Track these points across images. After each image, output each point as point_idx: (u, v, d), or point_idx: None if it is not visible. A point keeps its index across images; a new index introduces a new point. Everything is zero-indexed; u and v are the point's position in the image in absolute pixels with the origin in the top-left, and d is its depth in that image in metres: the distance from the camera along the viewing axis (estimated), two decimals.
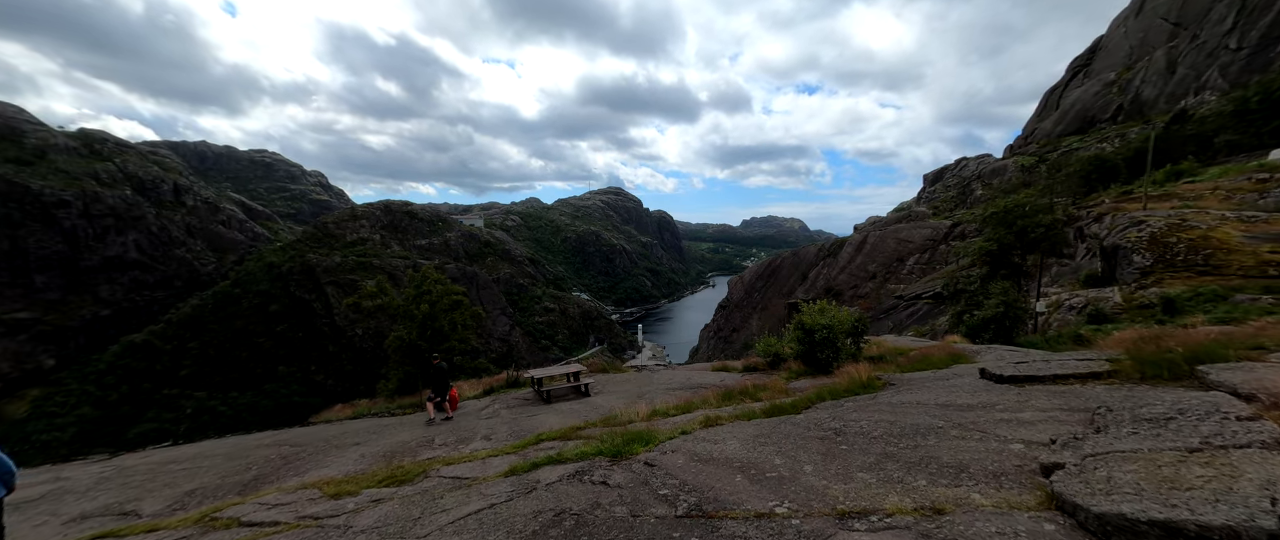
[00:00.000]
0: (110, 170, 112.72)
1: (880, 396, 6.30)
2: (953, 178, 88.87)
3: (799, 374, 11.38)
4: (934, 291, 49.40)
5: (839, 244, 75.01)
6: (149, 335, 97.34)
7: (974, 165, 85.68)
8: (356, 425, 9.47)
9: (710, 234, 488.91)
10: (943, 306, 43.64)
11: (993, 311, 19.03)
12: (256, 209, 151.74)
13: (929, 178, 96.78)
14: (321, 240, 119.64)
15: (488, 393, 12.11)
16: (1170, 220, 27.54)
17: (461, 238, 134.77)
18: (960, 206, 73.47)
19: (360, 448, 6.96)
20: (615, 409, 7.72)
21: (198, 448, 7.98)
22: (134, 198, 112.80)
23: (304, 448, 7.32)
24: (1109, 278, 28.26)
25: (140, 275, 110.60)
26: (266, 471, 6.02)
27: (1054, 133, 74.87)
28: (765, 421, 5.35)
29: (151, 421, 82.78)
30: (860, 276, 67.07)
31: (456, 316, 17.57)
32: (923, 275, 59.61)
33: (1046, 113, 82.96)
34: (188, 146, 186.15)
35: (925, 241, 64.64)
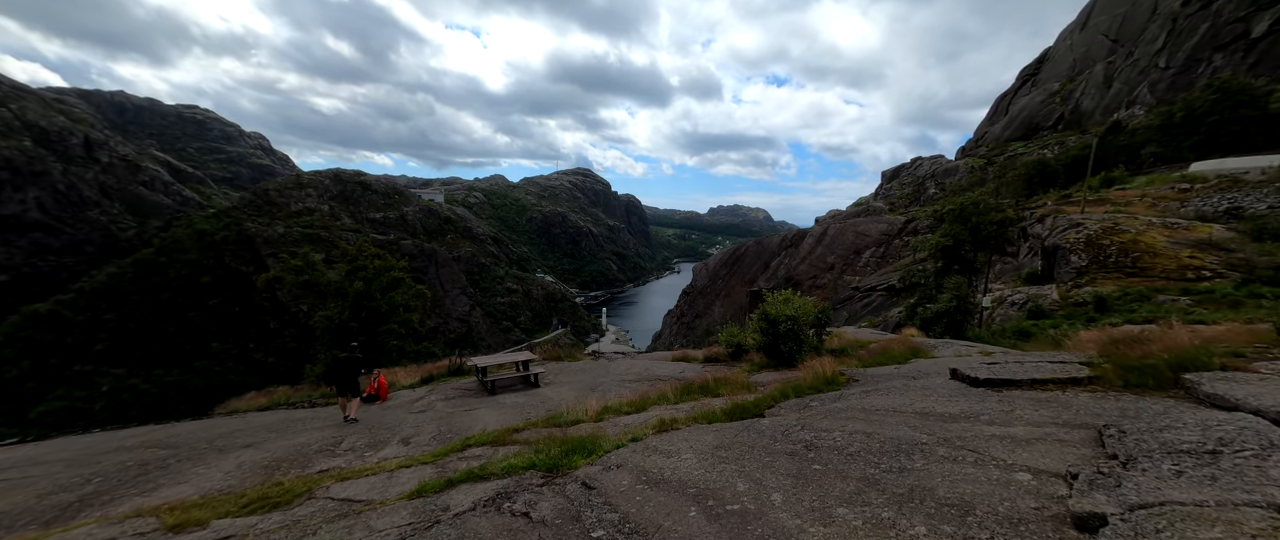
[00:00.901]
0: (5, 116, 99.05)
1: (848, 396, 5.86)
2: (908, 176, 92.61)
3: (761, 366, 10.98)
4: (888, 284, 51.47)
5: (801, 235, 76.84)
6: (56, 305, 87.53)
7: (928, 165, 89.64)
8: (262, 419, 8.16)
9: (677, 220, 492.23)
10: (896, 299, 45.48)
11: (946, 305, 19.52)
12: (185, 171, 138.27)
13: (887, 175, 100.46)
14: (262, 208, 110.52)
15: (426, 381, 10.96)
16: (1104, 224, 29.35)
17: (420, 213, 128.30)
18: (914, 204, 76.87)
19: (247, 452, 5.79)
20: (564, 404, 6.96)
21: (44, 447, 6.48)
22: (35, 150, 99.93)
23: (177, 451, 6.04)
24: (1048, 276, 29.96)
25: (43, 238, 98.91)
26: (109, 486, 4.79)
27: (1002, 137, 79.13)
28: (727, 427, 4.74)
29: (60, 400, 74.94)
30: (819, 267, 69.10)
31: (396, 296, 15.99)
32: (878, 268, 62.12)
33: (996, 117, 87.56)
34: (103, 96, 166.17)
35: (881, 236, 67.19)
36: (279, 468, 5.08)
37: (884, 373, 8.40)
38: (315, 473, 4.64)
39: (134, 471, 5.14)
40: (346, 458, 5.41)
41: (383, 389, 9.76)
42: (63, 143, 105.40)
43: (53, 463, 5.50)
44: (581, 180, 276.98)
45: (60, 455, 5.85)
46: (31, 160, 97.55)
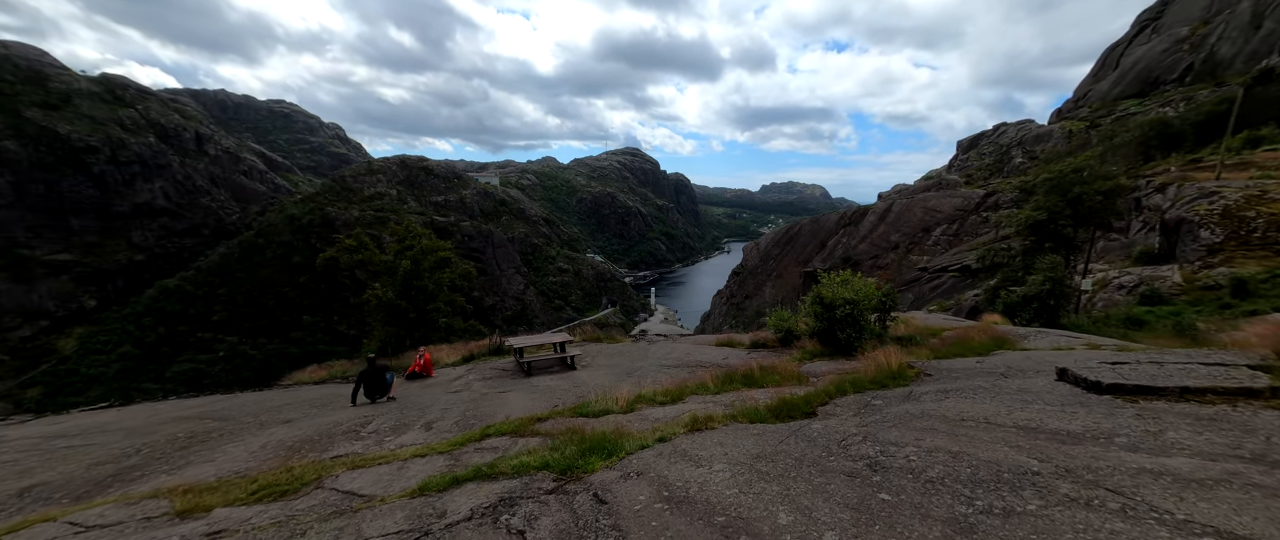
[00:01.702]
0: (133, 117, 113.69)
1: (920, 396, 4.89)
2: (989, 145, 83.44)
3: (814, 354, 9.99)
4: (963, 264, 46.99)
5: (861, 212, 71.88)
6: (181, 281, 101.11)
7: (1013, 131, 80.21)
8: (312, 393, 8.55)
9: (728, 199, 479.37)
10: (972, 280, 41.39)
11: (1036, 288, 17.09)
12: (276, 160, 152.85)
13: (963, 144, 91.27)
14: (340, 194, 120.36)
15: (467, 360, 11.09)
16: (1248, 192, 24.58)
17: (477, 195, 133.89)
18: (996, 175, 69.15)
19: (281, 429, 5.94)
20: (596, 390, 6.57)
21: (112, 416, 7.15)
22: (158, 145, 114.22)
23: (224, 424, 6.37)
24: (1167, 255, 25.68)
25: (169, 222, 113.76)
26: (148, 460, 5.05)
27: (1110, 95, 68.51)
28: (770, 430, 4.06)
29: (188, 362, 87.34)
30: (882, 246, 64.56)
31: (443, 275, 16.38)
32: (950, 247, 56.95)
33: (1103, 72, 75.76)
34: (208, 95, 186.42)
35: (955, 211, 61.35)
36: (300, 450, 5.12)
37: (962, 367, 7.18)
38: (330, 458, 4.58)
39: (178, 445, 5.46)
40: (367, 442, 5.36)
41: (428, 366, 9.98)
42: (179, 138, 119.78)
43: (117, 431, 6.00)
44: (630, 160, 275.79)
45: (128, 423, 6.39)
46: (156, 154, 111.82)
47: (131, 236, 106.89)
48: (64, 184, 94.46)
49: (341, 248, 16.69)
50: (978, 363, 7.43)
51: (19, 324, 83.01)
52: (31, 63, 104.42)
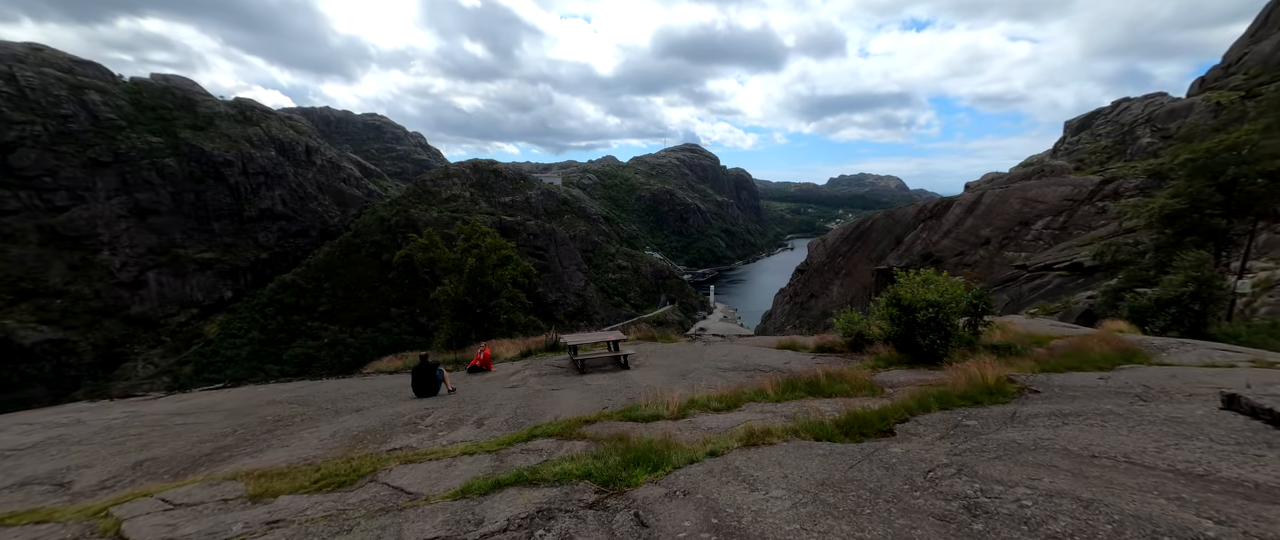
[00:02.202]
0: (259, 134, 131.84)
1: (1029, 420, 4.01)
2: (1106, 124, 72.05)
3: (889, 362, 8.97)
4: (1072, 261, 41.13)
5: (945, 204, 65.31)
6: (294, 276, 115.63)
7: (1139, 107, 68.46)
8: (386, 382, 9.16)
9: (791, 193, 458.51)
10: (1084, 280, 36.07)
11: (1175, 290, 14.26)
12: (369, 168, 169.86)
13: (1072, 125, 79.78)
14: (421, 197, 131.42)
15: (525, 355, 11.35)
16: None
17: (541, 196, 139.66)
18: (1116, 158, 59.62)
19: (352, 418, 6.35)
20: (648, 391, 6.32)
21: (223, 396, 8.17)
22: (278, 158, 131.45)
23: (306, 409, 6.98)
24: None
25: (285, 225, 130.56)
26: (239, 440, 5.61)
27: (1276, 58, 56.21)
28: (839, 450, 3.55)
29: (300, 348, 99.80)
30: (970, 242, 58.23)
31: (505, 273, 17.08)
32: (1055, 242, 50.07)
33: (1267, 30, 62.26)
34: (315, 112, 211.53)
35: (1062, 201, 53.80)
36: (363, 440, 5.42)
37: (1081, 384, 5.96)
38: (387, 451, 4.77)
39: (266, 427, 6.04)
40: (423, 435, 5.55)
41: (488, 361, 10.36)
42: (293, 151, 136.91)
43: (222, 411, 6.81)
44: (689, 156, 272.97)
45: (232, 404, 7.24)
46: (275, 166, 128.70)
47: (258, 237, 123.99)
48: (208, 193, 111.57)
49: (415, 246, 18.05)
50: (1101, 379, 6.15)
51: (176, 311, 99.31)
52: (185, 92, 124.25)
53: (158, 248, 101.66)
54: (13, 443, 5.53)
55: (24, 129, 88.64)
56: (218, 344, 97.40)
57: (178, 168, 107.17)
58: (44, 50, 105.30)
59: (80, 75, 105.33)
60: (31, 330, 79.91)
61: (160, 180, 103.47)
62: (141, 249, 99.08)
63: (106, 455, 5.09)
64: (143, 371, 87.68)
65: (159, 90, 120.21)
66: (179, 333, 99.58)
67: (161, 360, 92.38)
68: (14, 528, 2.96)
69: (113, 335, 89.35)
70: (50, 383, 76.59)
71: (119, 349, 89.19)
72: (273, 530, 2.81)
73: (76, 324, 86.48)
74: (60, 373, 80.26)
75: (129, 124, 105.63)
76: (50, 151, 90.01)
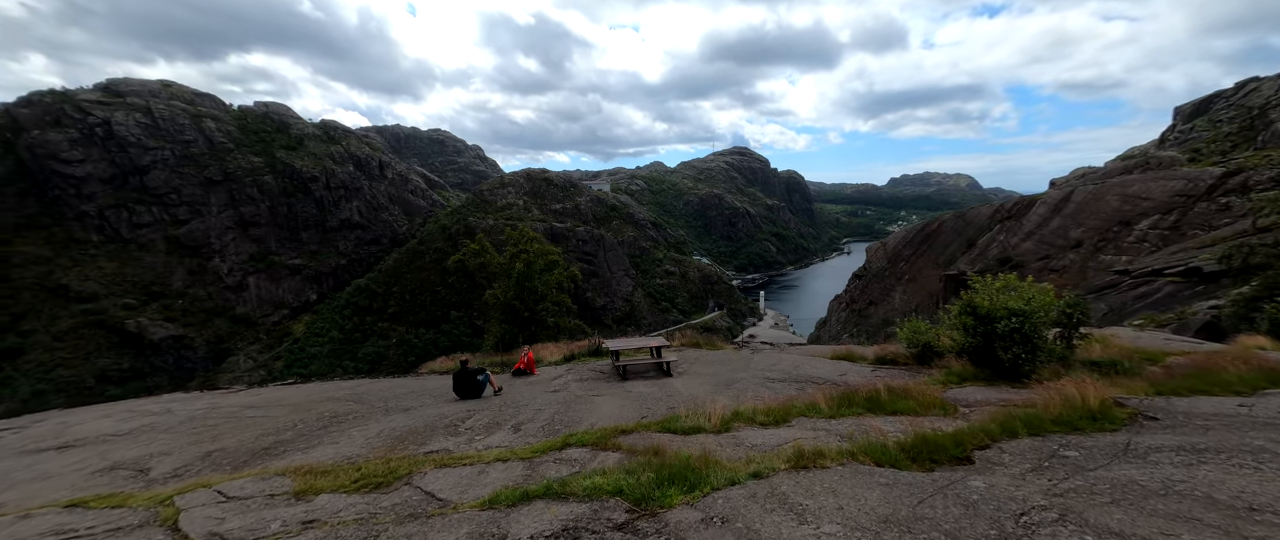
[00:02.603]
0: (339, 152, 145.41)
1: (1146, 451, 3.25)
2: (1229, 109, 62.35)
3: (963, 378, 7.99)
4: (1188, 265, 35.77)
5: (1026, 203, 59.22)
6: (368, 281, 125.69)
7: (1271, 87, 58.54)
8: (435, 383, 9.50)
9: (847, 195, 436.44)
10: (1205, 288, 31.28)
11: None
12: (433, 180, 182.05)
13: (1184, 111, 69.81)
14: (478, 206, 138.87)
15: (567, 359, 11.34)
16: None
17: (590, 202, 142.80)
18: (1244, 146, 51.44)
19: (398, 417, 6.57)
20: (690, 401, 6.02)
21: (291, 392, 8.86)
22: (355, 173, 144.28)
23: (361, 406, 7.35)
24: None
25: (361, 234, 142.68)
26: (298, 435, 5.97)
27: None
28: (904, 479, 3.08)
29: (372, 347, 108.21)
30: (1057, 245, 52.40)
31: (551, 277, 17.36)
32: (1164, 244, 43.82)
33: None
34: (387, 129, 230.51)
35: (1173, 197, 47.10)
36: (404, 441, 5.55)
37: (1214, 410, 4.88)
38: (424, 453, 4.83)
39: (322, 423, 6.42)
40: (460, 439, 5.60)
41: (531, 364, 10.47)
42: (367, 166, 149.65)
43: (287, 406, 7.37)
44: (738, 160, 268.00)
45: (296, 399, 7.82)
46: (353, 180, 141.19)
47: (338, 245, 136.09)
48: (297, 206, 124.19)
49: (468, 252, 18.87)
50: (1243, 407, 5.03)
51: (270, 312, 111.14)
52: (280, 116, 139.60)
53: (257, 255, 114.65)
54: (113, 429, 6.31)
55: (156, 154, 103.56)
56: (304, 342, 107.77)
57: (274, 184, 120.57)
58: (172, 86, 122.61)
59: (200, 106, 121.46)
60: (159, 327, 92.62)
61: (259, 195, 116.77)
62: (244, 256, 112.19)
63: (184, 444, 5.64)
64: (243, 365, 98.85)
65: (259, 116, 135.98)
66: (273, 331, 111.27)
67: (259, 355, 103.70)
68: (95, 510, 3.28)
69: (221, 332, 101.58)
70: (171, 373, 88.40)
71: (226, 344, 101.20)
72: (306, 531, 2.86)
73: (193, 322, 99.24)
74: (180, 364, 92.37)
75: (236, 146, 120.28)
76: (175, 172, 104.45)
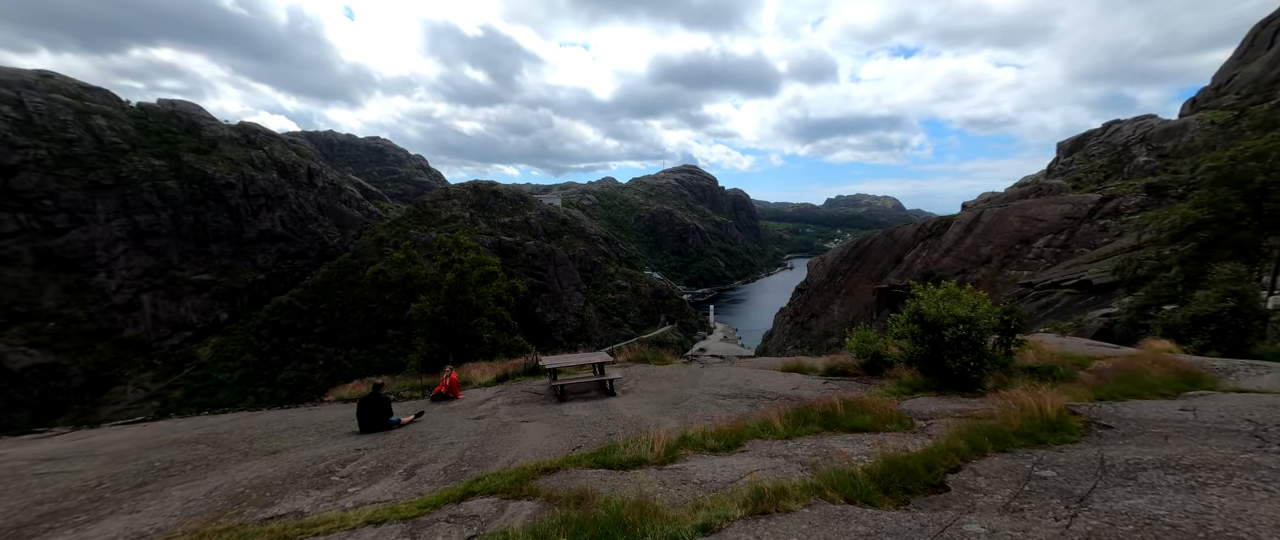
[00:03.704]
0: (261, 157, 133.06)
1: (1127, 469, 2.90)
2: (1099, 145, 73.07)
3: (914, 388, 7.79)
4: (1081, 279, 40.21)
5: (944, 222, 64.91)
6: (291, 298, 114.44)
7: (1130, 128, 69.84)
8: (330, 414, 7.88)
9: (789, 214, 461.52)
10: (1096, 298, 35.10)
11: (1213, 306, 13.17)
12: (371, 190, 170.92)
13: (1065, 146, 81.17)
14: (421, 218, 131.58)
15: (500, 380, 10.07)
16: None
17: (541, 216, 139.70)
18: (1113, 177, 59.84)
19: (258, 464, 5.08)
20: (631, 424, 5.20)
21: (128, 434, 6.88)
22: (279, 180, 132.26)
23: (209, 453, 5.70)
24: None
25: (284, 246, 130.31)
26: (94, 499, 4.40)
27: (1266, 78, 57.02)
28: (885, 524, 2.44)
29: (294, 370, 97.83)
30: (970, 260, 57.66)
31: (488, 290, 15.85)
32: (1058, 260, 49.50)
33: (1253, 53, 63.56)
34: (319, 135, 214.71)
35: (1062, 219, 53.55)
36: (244, 502, 4.19)
37: (1160, 416, 4.79)
38: (264, 520, 3.56)
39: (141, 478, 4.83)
40: (330, 492, 4.34)
41: (455, 387, 9.13)
42: (295, 173, 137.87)
43: (108, 455, 5.61)
44: (687, 177, 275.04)
45: (124, 445, 6.02)
46: (277, 188, 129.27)
47: (256, 259, 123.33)
48: (207, 215, 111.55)
49: (389, 261, 16.92)
50: (1185, 412, 4.98)
51: (170, 334, 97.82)
52: (190, 116, 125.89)
53: (154, 270, 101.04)
54: None
55: (27, 153, 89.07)
56: (210, 367, 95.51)
57: (179, 190, 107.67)
58: (53, 77, 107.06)
59: (87, 101, 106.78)
60: (22, 354, 78.29)
61: (161, 202, 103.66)
62: (137, 271, 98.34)
63: None
64: (132, 395, 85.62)
65: (164, 115, 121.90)
66: (171, 356, 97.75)
67: (152, 384, 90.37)
68: None
69: (104, 359, 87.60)
70: (37, 408, 74.55)
71: (109, 373, 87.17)
72: None
73: (68, 347, 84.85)
74: (48, 397, 78.23)
75: (133, 147, 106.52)
76: (52, 175, 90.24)
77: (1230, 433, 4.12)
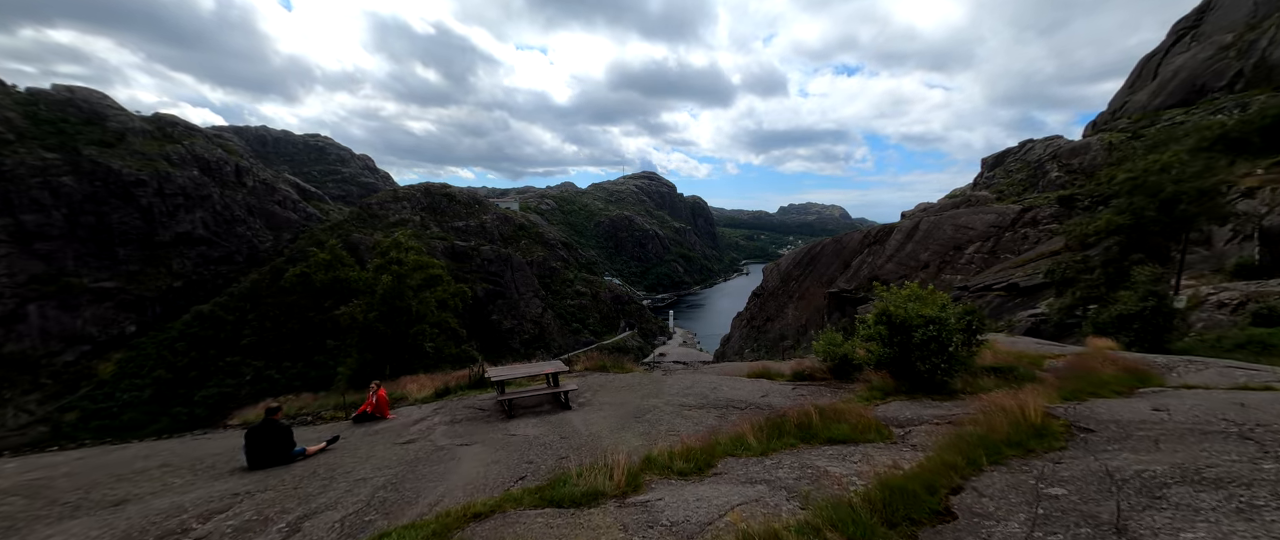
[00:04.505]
0: (180, 152, 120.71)
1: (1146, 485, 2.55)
2: (1016, 161, 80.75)
3: (885, 392, 7.54)
4: (1009, 282, 43.54)
5: (887, 230, 68.88)
6: (214, 306, 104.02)
7: (1042, 147, 77.93)
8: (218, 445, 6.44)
9: (745, 221, 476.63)
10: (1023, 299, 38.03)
11: (1136, 305, 14.19)
12: (309, 190, 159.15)
13: (988, 162, 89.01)
14: (365, 220, 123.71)
15: (440, 395, 8.84)
16: None
17: (497, 220, 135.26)
18: (1030, 190, 66.20)
19: (74, 525, 3.63)
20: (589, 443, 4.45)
21: None
22: (201, 178, 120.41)
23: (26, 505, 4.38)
24: (1272, 267, 22.14)
25: (206, 250, 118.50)
26: None
27: (1151, 106, 65.45)
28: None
29: (215, 386, 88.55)
30: (911, 265, 61.47)
31: (431, 295, 14.33)
32: (986, 265, 53.73)
33: (1140, 84, 72.82)
34: (250, 131, 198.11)
35: (989, 228, 58.28)
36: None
37: (1136, 418, 4.62)
38: None
39: None
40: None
41: (383, 406, 7.85)
42: (220, 171, 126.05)
43: None
44: (647, 183, 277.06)
45: None
46: (199, 186, 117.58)
47: (171, 264, 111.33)
48: (113, 215, 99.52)
49: (314, 262, 15.00)
50: (1157, 412, 4.85)
51: (62, 349, 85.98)
52: (93, 105, 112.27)
53: (44, 276, 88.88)
54: None
55: None
56: (113, 385, 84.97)
57: (77, 187, 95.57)
58: None
59: None
60: None
61: (52, 200, 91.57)
62: (22, 277, 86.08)
63: None
64: (13, 421, 74.46)
65: (60, 102, 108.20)
66: (64, 374, 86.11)
67: (38, 407, 79.05)
68: None
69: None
70: None
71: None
72: None
73: None
74: None
75: (19, 138, 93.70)
76: None
77: (1219, 436, 3.95)
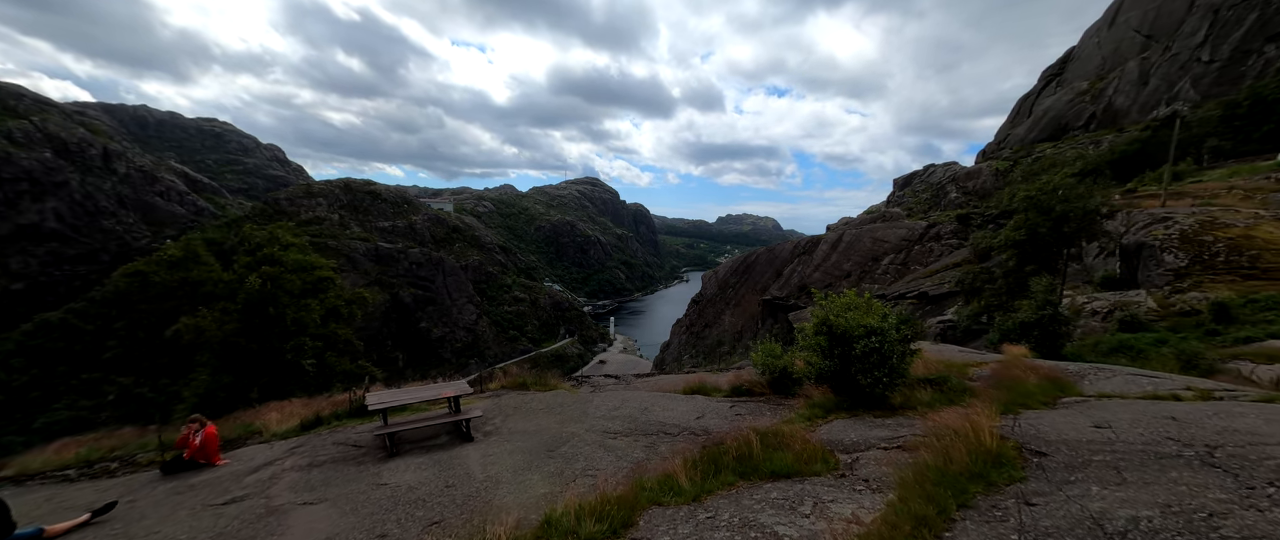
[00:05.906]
0: (26, 129, 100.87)
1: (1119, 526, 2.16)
2: (922, 183, 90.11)
3: (827, 409, 7.02)
4: (920, 291, 47.53)
5: (814, 241, 73.32)
6: (67, 314, 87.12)
7: (942, 171, 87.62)
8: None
9: (685, 229, 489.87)
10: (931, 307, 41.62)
11: (1035, 313, 15.37)
12: (201, 181, 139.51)
13: (899, 182, 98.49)
14: (272, 217, 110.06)
15: (307, 427, 6.92)
16: (1199, 218, 25.01)
17: (429, 221, 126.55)
18: (934, 208, 73.86)
19: None
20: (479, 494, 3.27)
21: None
22: (55, 161, 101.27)
23: None
24: (1129, 279, 25.42)
25: (59, 247, 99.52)
26: None
27: (1027, 139, 76.13)
28: None
29: (65, 409, 73.66)
30: (835, 275, 65.72)
31: (316, 302, 11.78)
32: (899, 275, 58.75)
33: (1019, 119, 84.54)
34: (126, 110, 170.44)
35: (901, 241, 64.00)
36: None
37: (1082, 438, 4.26)
38: None
39: None
40: None
41: (211, 448, 5.80)
42: (82, 154, 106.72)
43: None
44: (589, 189, 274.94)
45: None
46: (51, 171, 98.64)
47: (9, 263, 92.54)
48: None
49: (158, 258, 11.87)
50: (1104, 430, 4.59)
51: None
52: None
53: None
54: None
55: None
56: None
57: None
58: None
59: None
60: None
61: None
62: None
63: None
64: None
65: None
66: None
67: None
68: None
69: None
70: None
71: None
72: None
73: None
74: None
75: None
76: None
77: (1179, 461, 3.63)
